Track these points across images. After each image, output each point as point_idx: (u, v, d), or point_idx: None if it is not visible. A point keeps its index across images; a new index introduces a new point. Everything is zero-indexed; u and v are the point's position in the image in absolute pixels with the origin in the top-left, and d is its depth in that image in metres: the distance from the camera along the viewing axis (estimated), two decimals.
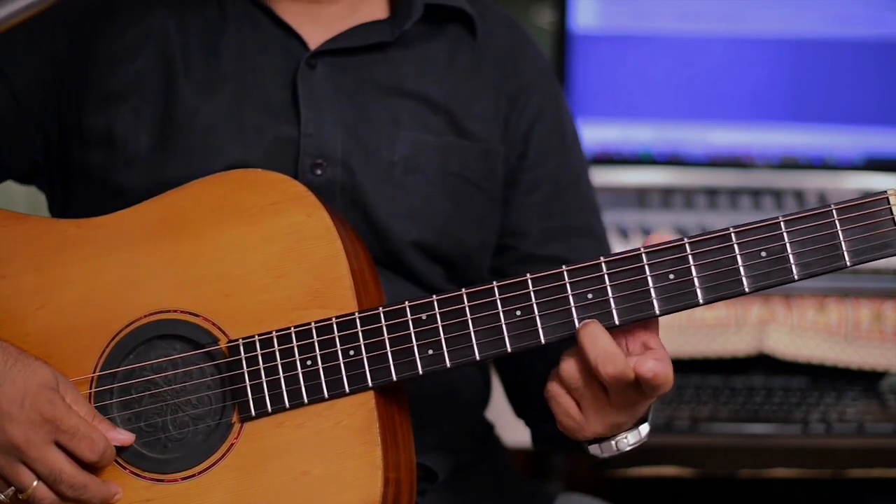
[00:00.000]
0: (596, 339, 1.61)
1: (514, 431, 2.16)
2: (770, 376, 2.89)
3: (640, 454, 2.71)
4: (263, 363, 1.69)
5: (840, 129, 3.06)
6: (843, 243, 1.60)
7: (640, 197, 3.02)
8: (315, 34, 1.94)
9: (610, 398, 1.64)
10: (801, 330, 2.82)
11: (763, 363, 2.87)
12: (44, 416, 1.65)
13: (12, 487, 1.67)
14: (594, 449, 1.71)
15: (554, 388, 1.66)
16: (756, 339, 2.81)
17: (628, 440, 1.70)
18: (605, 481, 3.00)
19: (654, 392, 1.62)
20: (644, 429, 1.71)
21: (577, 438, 1.70)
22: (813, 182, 3.03)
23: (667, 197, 3.01)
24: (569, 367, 1.64)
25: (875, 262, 2.70)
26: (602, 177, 3.02)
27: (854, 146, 3.06)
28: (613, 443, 1.70)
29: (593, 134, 3.06)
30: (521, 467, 2.29)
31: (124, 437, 1.70)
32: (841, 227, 1.60)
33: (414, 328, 1.67)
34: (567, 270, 1.64)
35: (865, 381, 2.86)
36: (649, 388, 1.61)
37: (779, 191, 3.02)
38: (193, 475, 1.70)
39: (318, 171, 1.88)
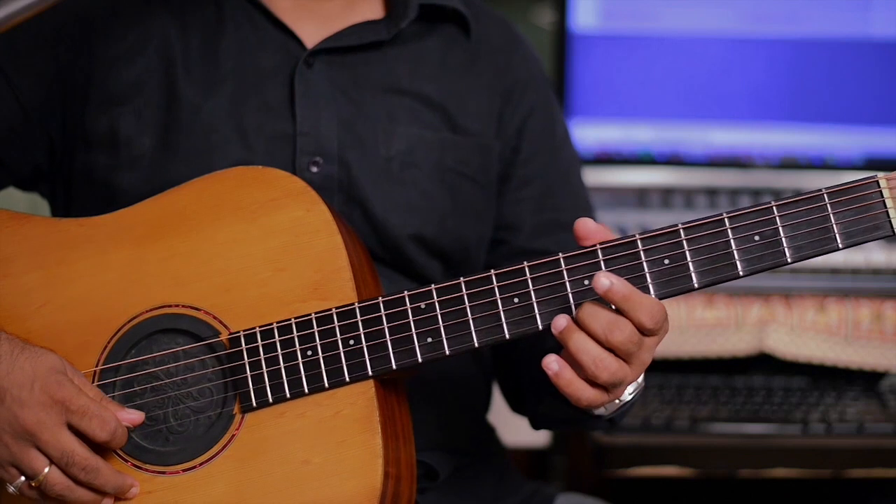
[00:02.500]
0: (596, 314, 1.62)
1: (514, 432, 2.17)
2: (770, 376, 2.89)
3: (640, 454, 2.73)
4: (264, 354, 1.70)
5: (840, 129, 3.06)
6: (834, 226, 1.61)
7: (640, 197, 3.02)
8: (312, 33, 1.95)
9: (630, 362, 1.64)
10: (801, 330, 2.82)
11: (763, 363, 2.87)
12: (54, 398, 1.65)
13: (22, 477, 1.67)
14: (599, 410, 1.71)
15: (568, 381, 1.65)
16: (756, 339, 2.82)
17: (629, 389, 1.70)
18: (605, 481, 3.00)
19: (639, 315, 1.61)
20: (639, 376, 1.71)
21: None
22: (813, 182, 3.03)
23: (667, 197, 3.02)
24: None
25: (875, 262, 2.74)
26: (602, 177, 3.03)
27: (854, 146, 3.06)
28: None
29: (593, 134, 3.07)
30: (521, 467, 2.29)
31: (134, 416, 1.71)
32: (832, 210, 1.62)
33: (413, 317, 1.68)
34: (564, 257, 1.65)
35: (865, 381, 2.86)
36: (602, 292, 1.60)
37: (779, 191, 3.02)
38: (195, 466, 1.70)
39: (315, 168, 1.89)
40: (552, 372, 1.63)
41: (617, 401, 1.69)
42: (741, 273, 1.62)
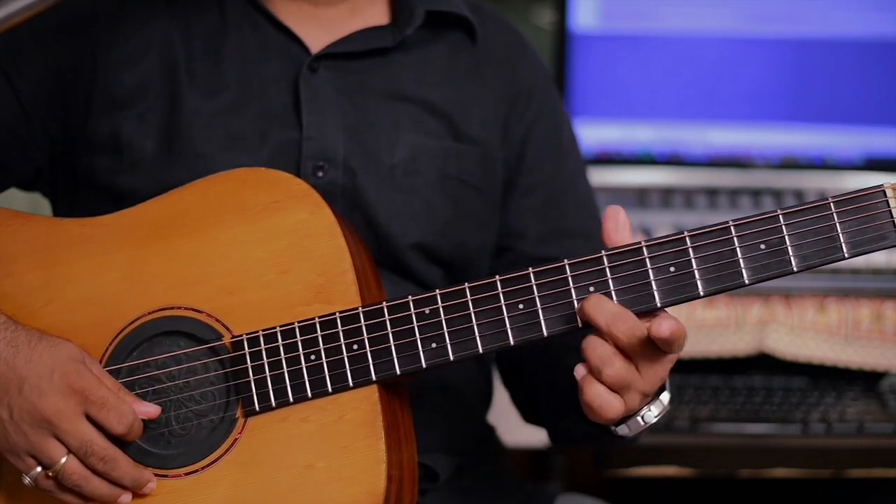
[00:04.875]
0: (600, 305, 1.61)
1: (514, 432, 2.17)
2: (770, 376, 2.89)
3: (640, 454, 2.73)
4: (267, 358, 1.70)
5: (840, 129, 3.06)
6: (840, 235, 1.61)
7: (640, 197, 3.02)
8: (316, 38, 1.95)
9: (637, 365, 1.63)
10: (801, 330, 2.82)
11: (763, 363, 2.87)
12: (73, 387, 1.65)
13: (39, 468, 1.67)
14: (622, 430, 1.69)
15: (589, 386, 1.63)
16: (756, 339, 2.82)
17: (652, 412, 1.68)
18: (605, 481, 3.01)
19: (673, 348, 1.60)
20: (665, 397, 1.69)
21: (604, 423, 1.67)
22: (813, 182, 3.04)
23: (667, 197, 3.01)
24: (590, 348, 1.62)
25: (875, 262, 2.74)
26: (602, 177, 3.03)
27: (854, 146, 3.06)
28: (639, 417, 1.68)
29: (593, 134, 3.07)
30: (521, 467, 2.30)
31: (151, 409, 1.71)
32: (838, 219, 1.62)
33: (417, 322, 1.68)
34: (569, 264, 1.65)
35: (865, 381, 2.86)
36: (667, 345, 1.59)
37: (779, 191, 3.02)
38: (197, 470, 1.70)
39: (320, 174, 1.88)
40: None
41: (641, 422, 1.68)
42: (747, 282, 1.62)
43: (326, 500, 1.65)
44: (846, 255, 1.61)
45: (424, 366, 1.67)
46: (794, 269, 1.62)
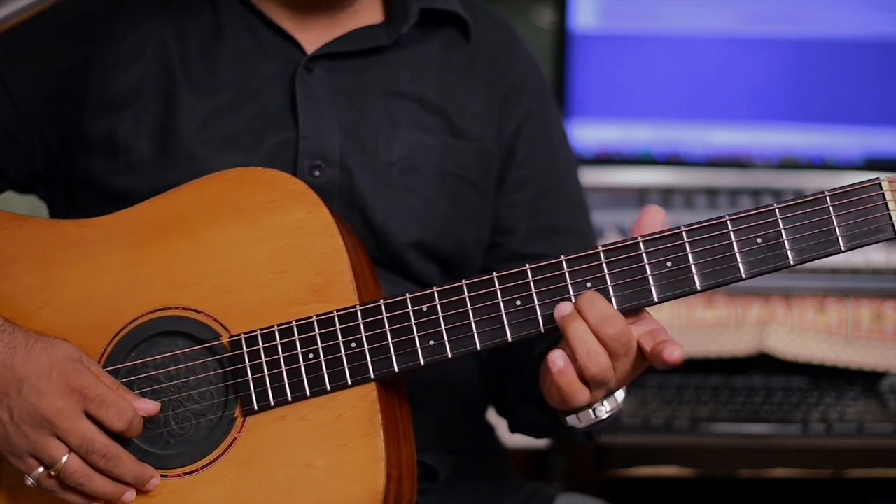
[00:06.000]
0: (592, 303, 1.61)
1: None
2: (770, 376, 2.89)
3: (640, 454, 2.73)
4: (265, 357, 1.70)
5: (840, 129, 3.06)
6: (837, 228, 1.61)
7: (640, 197, 3.02)
8: (311, 39, 1.95)
9: (615, 365, 1.63)
10: (801, 330, 2.82)
11: (763, 363, 2.87)
12: (71, 386, 1.66)
13: (41, 468, 1.67)
14: (572, 420, 1.69)
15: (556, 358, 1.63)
16: (756, 339, 2.82)
17: (605, 406, 1.68)
18: (605, 481, 3.01)
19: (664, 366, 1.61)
20: (619, 395, 1.69)
21: (559, 409, 1.68)
22: (813, 182, 3.04)
23: (667, 197, 3.01)
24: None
25: (875, 262, 2.73)
26: (602, 177, 3.03)
27: (854, 146, 3.06)
28: (591, 410, 1.68)
29: (593, 134, 3.07)
30: (521, 467, 2.29)
31: (149, 405, 1.71)
32: (835, 212, 1.62)
33: (415, 319, 1.68)
34: (566, 260, 1.65)
35: (865, 381, 2.86)
36: (665, 366, 1.60)
37: (779, 191, 3.02)
38: (196, 470, 1.70)
39: (317, 173, 1.88)
40: (556, 368, 1.62)
41: (592, 415, 1.68)
42: (743, 276, 1.62)
43: (326, 498, 1.65)
44: (843, 249, 1.61)
45: (423, 363, 1.67)
46: (791, 262, 1.62)
